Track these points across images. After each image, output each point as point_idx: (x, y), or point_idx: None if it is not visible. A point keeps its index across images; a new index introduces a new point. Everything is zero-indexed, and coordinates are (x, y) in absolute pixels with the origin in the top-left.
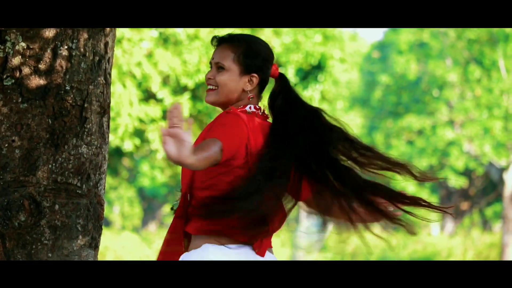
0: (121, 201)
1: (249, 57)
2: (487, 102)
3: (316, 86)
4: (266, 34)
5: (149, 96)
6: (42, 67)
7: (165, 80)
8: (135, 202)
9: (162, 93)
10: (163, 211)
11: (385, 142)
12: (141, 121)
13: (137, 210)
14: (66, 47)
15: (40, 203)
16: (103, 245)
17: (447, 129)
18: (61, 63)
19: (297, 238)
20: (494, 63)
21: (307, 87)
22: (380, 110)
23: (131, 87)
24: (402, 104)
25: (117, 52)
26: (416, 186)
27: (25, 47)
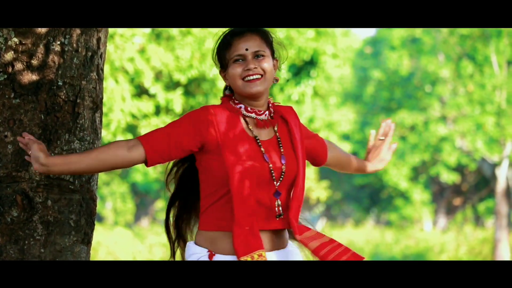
0: (113, 196)
1: (271, 43)
2: (480, 97)
3: (308, 81)
4: None
5: (141, 91)
6: (34, 62)
7: (158, 75)
8: (127, 197)
9: (154, 88)
10: (156, 207)
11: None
12: (134, 117)
13: (129, 205)
14: (58, 42)
15: (32, 199)
16: (95, 241)
17: (439, 125)
18: (53, 59)
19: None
20: (486, 59)
21: (300, 83)
22: (372, 105)
23: (123, 83)
24: (394, 99)
25: (110, 47)
26: (408, 182)
27: (18, 43)
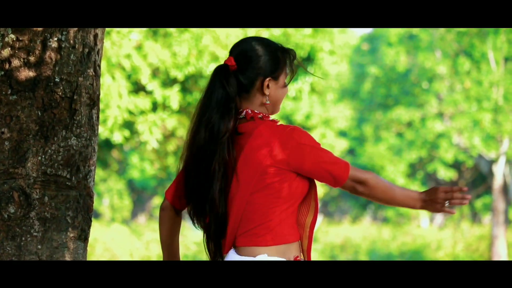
0: (110, 193)
1: None
2: (477, 94)
3: (305, 78)
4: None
5: (138, 88)
6: (31, 59)
7: (155, 72)
8: (124, 194)
9: (151, 85)
10: (153, 203)
11: (374, 134)
12: (131, 113)
13: (126, 202)
14: (55, 39)
15: (29, 195)
16: (92, 237)
17: (436, 121)
18: (50, 55)
19: None
20: (483, 56)
21: (297, 79)
22: (369, 102)
23: (120, 79)
24: (391, 96)
25: (106, 44)
26: (406, 178)
27: (15, 39)
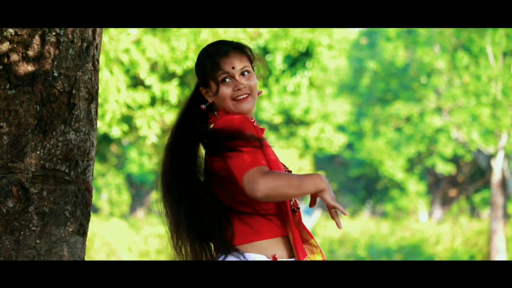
0: (109, 187)
1: (251, 57)
2: (475, 89)
3: (304, 72)
4: None
5: (137, 82)
6: (30, 53)
7: (153, 66)
8: (123, 188)
9: (150, 79)
10: (151, 198)
11: (373, 128)
12: (129, 108)
13: (125, 196)
14: (54, 33)
15: (28, 190)
16: (91, 232)
17: (435, 116)
18: (49, 50)
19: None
20: (482, 50)
21: (295, 74)
22: (368, 96)
23: (118, 74)
24: (390, 91)
25: (104, 38)
26: (404, 173)
27: (13, 34)
